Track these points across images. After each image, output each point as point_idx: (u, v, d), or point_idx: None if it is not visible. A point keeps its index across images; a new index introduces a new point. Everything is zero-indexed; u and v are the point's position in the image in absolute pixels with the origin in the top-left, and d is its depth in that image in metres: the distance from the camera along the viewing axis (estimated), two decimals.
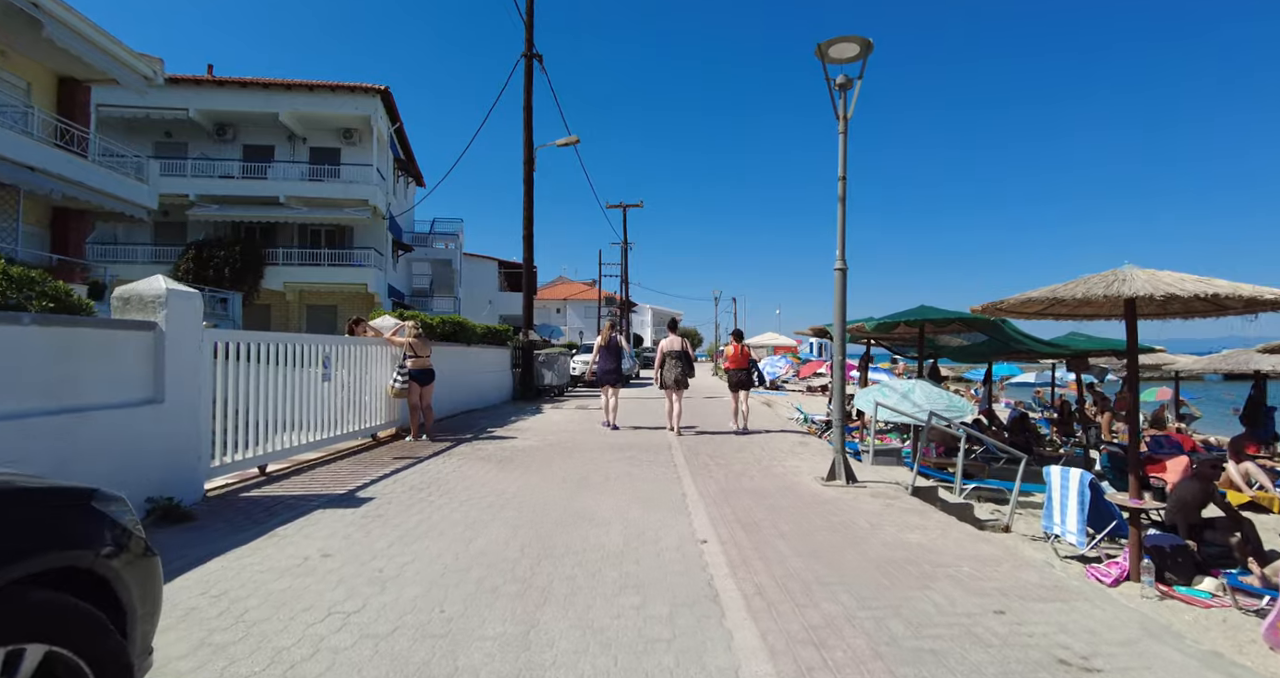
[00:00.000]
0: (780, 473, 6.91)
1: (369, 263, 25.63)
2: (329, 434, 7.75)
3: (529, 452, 8.09)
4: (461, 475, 6.54)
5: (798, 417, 16.11)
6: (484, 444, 8.70)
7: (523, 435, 9.61)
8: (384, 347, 9.20)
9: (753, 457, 7.99)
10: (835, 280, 6.62)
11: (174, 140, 26.39)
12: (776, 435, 10.08)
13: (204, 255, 23.94)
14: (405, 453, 7.91)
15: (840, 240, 6.61)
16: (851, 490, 6.20)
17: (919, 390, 9.57)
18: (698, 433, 10.10)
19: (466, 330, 12.82)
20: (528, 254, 17.02)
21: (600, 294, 55.71)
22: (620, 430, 10.30)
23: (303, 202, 25.53)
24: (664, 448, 8.53)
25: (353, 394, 8.36)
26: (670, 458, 7.72)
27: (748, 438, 9.66)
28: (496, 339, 15.61)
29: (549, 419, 11.87)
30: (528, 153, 17.05)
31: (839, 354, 6.61)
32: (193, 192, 24.60)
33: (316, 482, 6.19)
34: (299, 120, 26.02)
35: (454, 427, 10.53)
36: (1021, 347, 9.63)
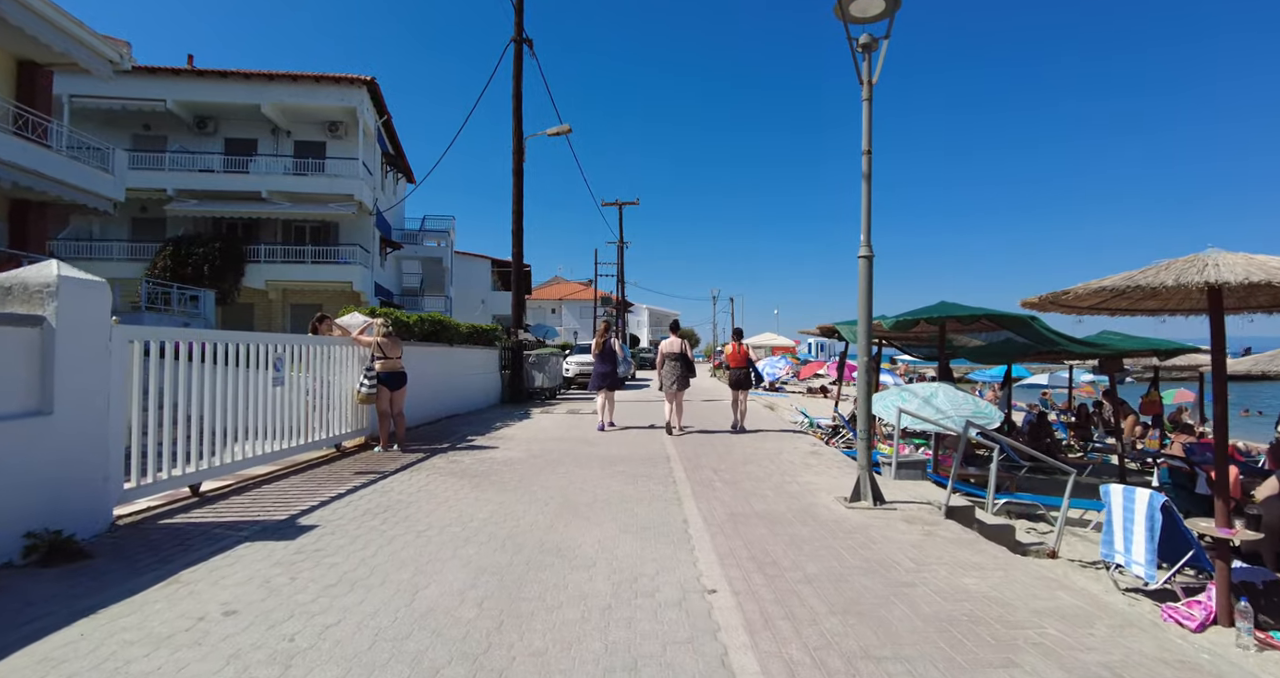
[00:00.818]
0: (795, 492, 6.04)
1: (355, 260, 24.70)
2: (285, 445, 6.86)
3: (510, 465, 7.20)
4: (427, 496, 5.65)
5: (802, 421, 15.26)
6: (460, 456, 7.81)
7: (505, 445, 8.72)
8: (351, 347, 8.31)
9: (762, 470, 7.11)
10: (860, 269, 5.75)
11: (152, 133, 25.42)
12: (785, 443, 9.21)
13: (182, 252, 22.98)
14: (370, 467, 7.01)
15: (865, 223, 5.75)
16: (881, 514, 5.32)
17: (942, 395, 8.72)
18: (698, 440, 9.23)
19: (448, 330, 11.92)
20: (517, 249, 16.13)
21: (596, 294, 54.92)
22: (614, 434, 9.44)
23: (286, 197, 24.58)
24: (662, 460, 7.65)
25: (314, 400, 7.47)
26: (669, 472, 6.84)
27: (754, 447, 8.79)
28: (483, 339, 14.71)
29: (537, 426, 10.98)
30: (517, 142, 16.18)
31: (864, 354, 5.74)
32: (170, 186, 23.64)
33: (257, 504, 5.29)
34: (282, 113, 25.08)
35: (431, 435, 9.63)
36: (1054, 346, 8.82)
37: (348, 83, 24.47)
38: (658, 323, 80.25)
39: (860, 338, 5.78)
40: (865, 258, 5.72)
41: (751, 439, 9.60)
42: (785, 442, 9.39)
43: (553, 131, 16.56)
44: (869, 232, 5.74)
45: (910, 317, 9.02)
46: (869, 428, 5.79)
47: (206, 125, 25.52)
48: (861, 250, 5.74)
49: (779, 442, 9.40)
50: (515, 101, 16.22)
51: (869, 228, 5.74)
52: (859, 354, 5.79)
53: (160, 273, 22.59)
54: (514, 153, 16.17)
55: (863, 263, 5.74)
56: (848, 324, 11.36)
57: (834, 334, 13.26)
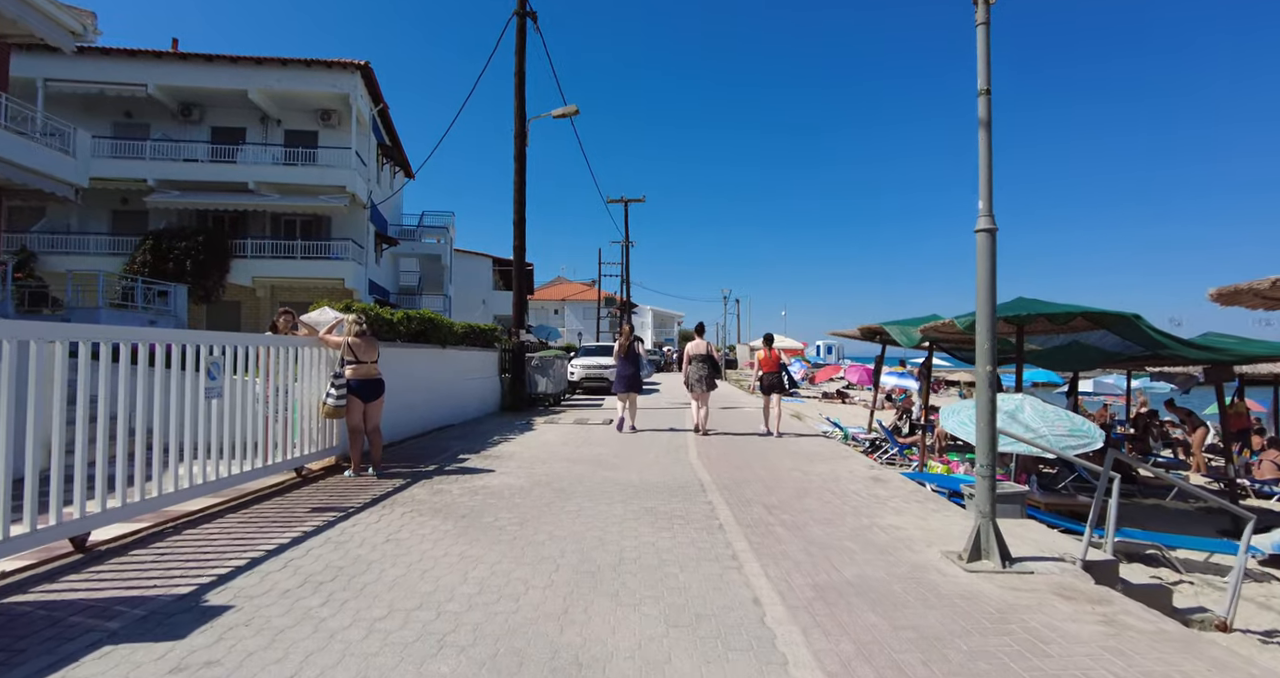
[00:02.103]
0: (885, 543, 4.58)
1: (347, 256, 23.27)
2: (232, 471, 5.43)
3: (507, 497, 5.75)
4: (396, 551, 4.20)
5: (832, 431, 13.81)
6: (448, 483, 6.36)
7: (504, 467, 7.26)
8: (319, 349, 6.88)
9: (826, 507, 5.65)
10: (979, 247, 4.30)
11: (134, 121, 24.05)
12: (837, 465, 7.74)
13: (163, 246, 21.59)
14: (333, 499, 5.57)
15: (984, 186, 4.29)
16: (1019, 583, 3.86)
17: (1029, 409, 7.25)
18: (731, 458, 7.77)
19: (440, 329, 10.48)
20: (519, 240, 14.69)
21: (600, 294, 53.52)
22: (632, 449, 7.99)
23: (274, 188, 23.17)
24: (696, 489, 6.19)
25: (273, 414, 6.04)
26: (710, 510, 5.39)
27: (802, 471, 7.33)
28: (481, 340, 13.27)
29: (541, 440, 9.53)
30: (519, 125, 14.75)
31: (986, 362, 4.27)
32: (151, 176, 22.24)
33: (162, 563, 3.86)
34: (272, 100, 23.68)
35: (416, 452, 8.18)
36: (1162, 349, 7.38)
37: (340, 67, 23.09)
38: (662, 324, 78.78)
39: (980, 336, 4.31)
40: (986, 231, 4.27)
41: (793, 458, 8.15)
42: (837, 463, 7.93)
43: (558, 113, 15.12)
44: (990, 197, 4.29)
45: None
46: (992, 461, 4.32)
47: (192, 113, 24.13)
48: (981, 221, 4.29)
49: (829, 463, 7.93)
50: (518, 80, 14.79)
51: (989, 192, 4.29)
52: (979, 358, 4.32)
53: (140, 268, 21.19)
54: (516, 136, 14.74)
55: (982, 239, 4.28)
56: (899, 324, 9.90)
57: (876, 336, 11.81)
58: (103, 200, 23.34)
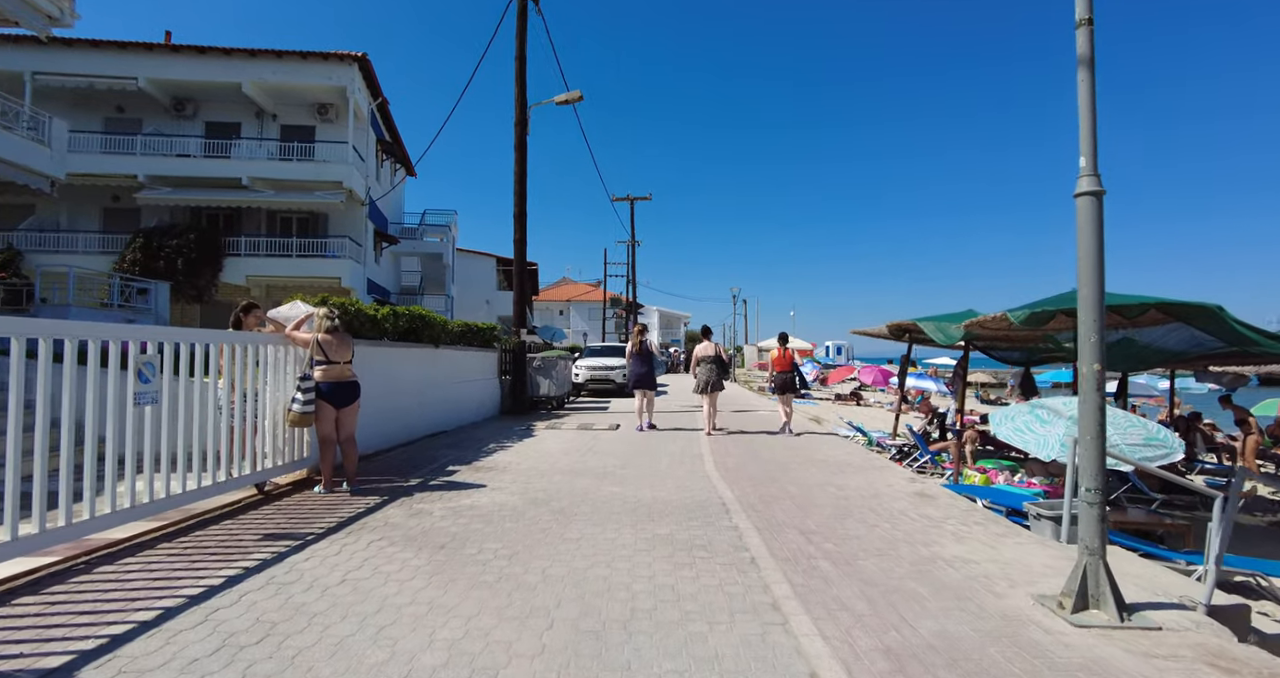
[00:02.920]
0: (959, 584, 3.70)
1: (344, 254, 22.49)
2: (173, 490, 4.60)
3: (497, 521, 4.89)
4: (350, 597, 3.36)
5: (853, 436, 12.91)
6: (430, 501, 5.51)
7: (497, 481, 6.41)
8: (288, 348, 6.06)
9: (873, 532, 4.78)
10: (1082, 214, 3.42)
11: (126, 116, 23.34)
12: (873, 476, 6.85)
13: (153, 244, 20.84)
14: (290, 524, 4.73)
15: (1087, 140, 3.42)
16: (1153, 646, 2.98)
17: None
18: (752, 468, 6.90)
19: (432, 327, 9.65)
20: (519, 234, 13.85)
21: (605, 295, 52.78)
22: (643, 456, 7.12)
23: (269, 184, 22.41)
24: (717, 509, 5.32)
25: (236, 421, 5.22)
26: (737, 538, 4.52)
27: (837, 485, 6.45)
28: (479, 339, 12.44)
29: (541, 448, 8.68)
30: (520, 112, 13.93)
31: (1092, 358, 3.37)
32: (142, 171, 21.50)
33: (40, 621, 3.02)
34: (267, 93, 22.95)
35: (401, 463, 7.34)
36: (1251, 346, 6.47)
37: (337, 60, 22.33)
38: (668, 324, 77.92)
39: (1085, 326, 3.42)
40: (1090, 195, 3.39)
41: (822, 469, 7.27)
42: (872, 475, 7.04)
43: (561, 99, 14.30)
44: (1094, 152, 3.41)
45: (1047, 308, 6.63)
46: (1100, 485, 3.43)
47: (185, 107, 23.41)
48: (1082, 183, 3.41)
49: (863, 474, 7.04)
50: (519, 64, 13.98)
51: (1093, 146, 3.41)
52: (1085, 354, 3.43)
53: (129, 267, 20.48)
54: (516, 124, 13.92)
55: (1085, 205, 3.40)
56: (935, 320, 9.00)
57: (906, 334, 10.92)
58: (93, 197, 22.68)
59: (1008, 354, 11.48)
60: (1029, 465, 9.87)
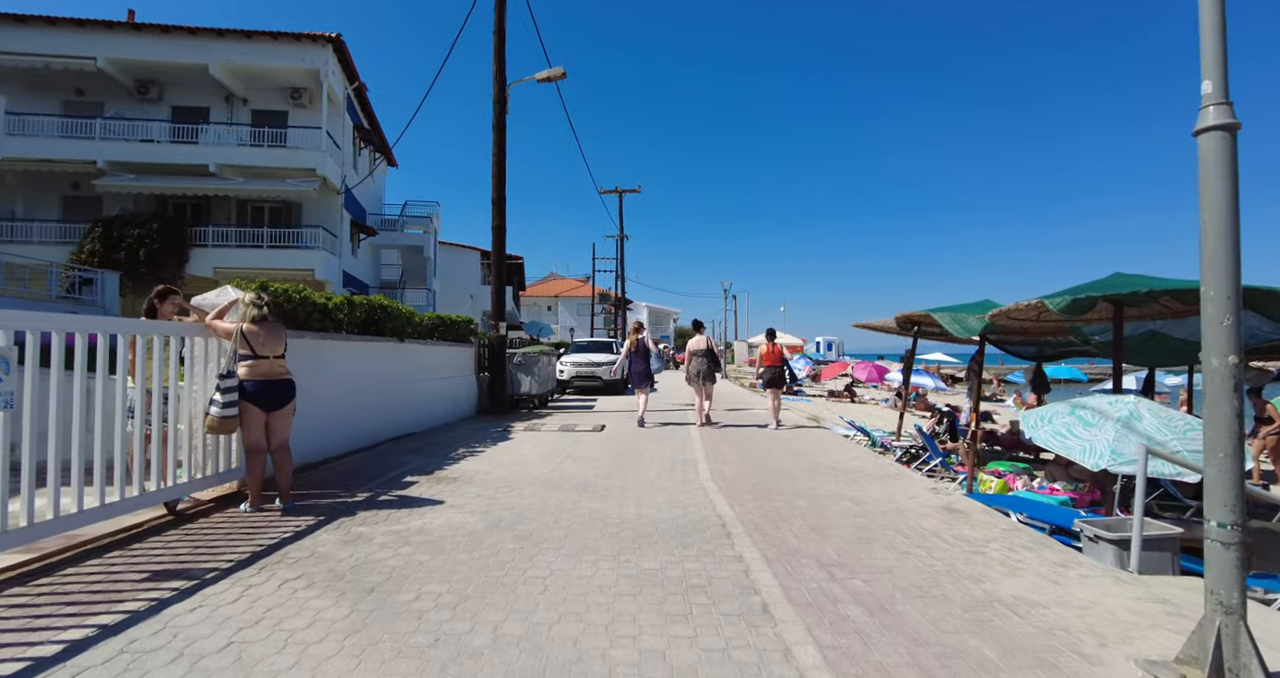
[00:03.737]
0: (1033, 641, 2.86)
1: (318, 244, 21.43)
2: (45, 515, 3.70)
3: (449, 550, 4.01)
4: (229, 673, 2.47)
5: (854, 435, 12.13)
6: (374, 523, 4.62)
7: (458, 495, 5.52)
8: (213, 340, 5.15)
9: (909, 561, 3.94)
10: (1207, 156, 2.58)
11: (86, 99, 22.11)
12: (889, 486, 6.02)
13: (114, 234, 19.72)
14: (196, 554, 3.83)
15: (1214, 61, 2.58)
16: None
17: (1148, 415, 5.55)
18: (752, 476, 6.06)
19: (395, 319, 8.73)
20: (498, 221, 12.92)
21: (594, 290, 51.91)
22: (631, 460, 6.26)
23: (238, 171, 21.31)
24: (716, 531, 4.47)
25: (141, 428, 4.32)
26: (742, 572, 3.66)
27: (852, 496, 5.61)
28: (453, 333, 11.54)
29: (516, 454, 7.80)
30: (498, 90, 12.99)
31: (1227, 350, 2.53)
32: (101, 157, 20.34)
33: None
34: (236, 76, 21.82)
35: (351, 472, 6.42)
36: None
37: (310, 41, 21.23)
38: (657, 320, 77.09)
39: (1216, 305, 2.59)
40: (1220, 130, 2.55)
41: (832, 477, 6.43)
42: (889, 484, 6.20)
43: (543, 76, 13.36)
44: (1223, 76, 2.57)
45: (1091, 294, 5.80)
46: (1241, 515, 2.60)
47: (149, 91, 22.22)
48: (1209, 116, 2.57)
49: (879, 484, 6.21)
50: (497, 39, 13.03)
51: (1223, 69, 2.57)
52: (1216, 343, 2.59)
53: (88, 258, 19.37)
54: (495, 102, 12.98)
55: (1212, 143, 2.56)
56: (951, 311, 8.19)
57: (915, 327, 10.10)
58: (51, 185, 21.49)
59: (1021, 349, 10.72)
60: (1048, 469, 9.11)
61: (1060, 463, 9.04)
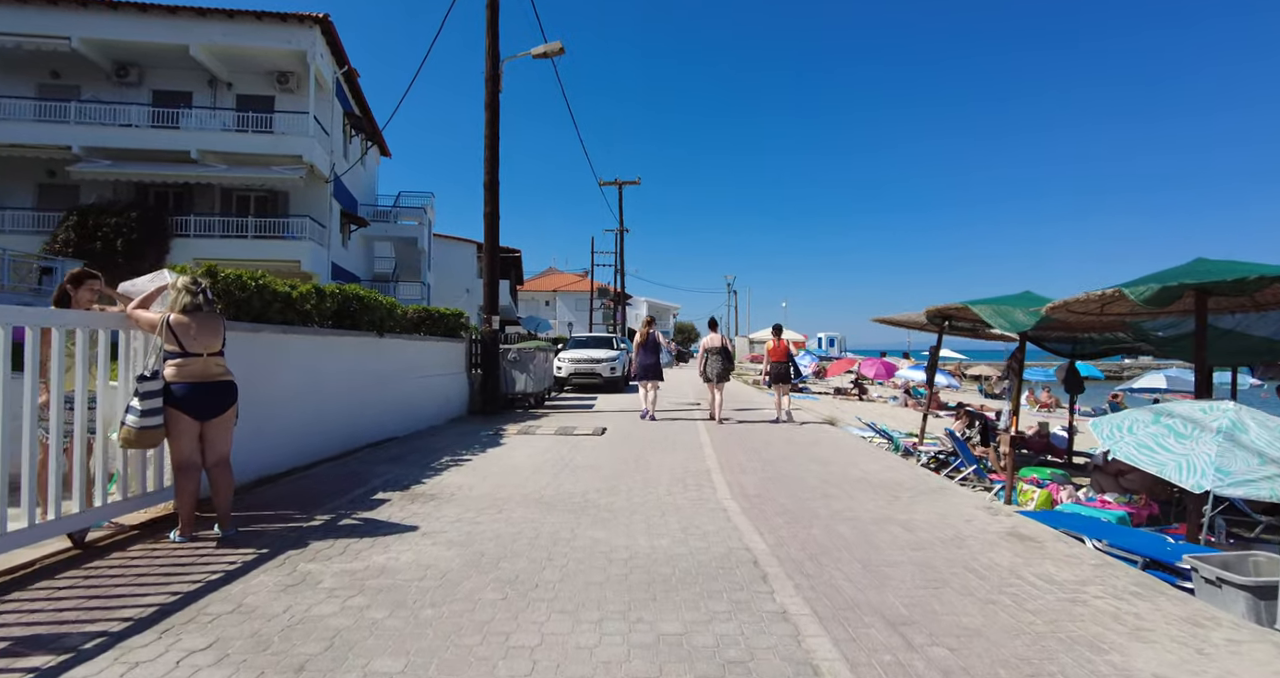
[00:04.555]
0: None
1: (304, 235, 20.53)
2: None
3: (411, 604, 3.15)
4: None
5: (872, 437, 11.29)
6: (325, 559, 3.76)
7: (434, 518, 4.66)
8: (138, 335, 4.30)
9: (999, 621, 3.10)
10: None
11: (62, 81, 21.15)
12: (937, 501, 5.18)
13: (89, 223, 18.80)
14: (77, 612, 2.97)
15: None
16: None
17: (1253, 424, 4.70)
18: (778, 488, 5.22)
19: (373, 311, 7.85)
20: (490, 208, 12.03)
21: (593, 285, 51.08)
22: (639, 470, 5.42)
23: (221, 158, 20.40)
24: (746, 572, 3.62)
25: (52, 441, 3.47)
26: (791, 636, 2.81)
27: (904, 526, 4.75)
28: (441, 327, 10.66)
29: (506, 462, 6.94)
30: (491, 67, 12.10)
31: None
32: (76, 142, 19.41)
33: None
34: (218, 58, 20.86)
35: (314, 487, 5.55)
36: None
37: (296, 21, 20.30)
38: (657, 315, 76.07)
39: None
40: None
41: (871, 494, 5.58)
42: (939, 501, 5.35)
43: (539, 51, 12.44)
44: None
45: (1185, 281, 4.92)
46: None
47: (128, 73, 21.25)
48: None
49: (926, 501, 5.36)
50: (490, 12, 12.12)
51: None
52: None
53: (62, 247, 18.46)
54: (487, 80, 12.09)
55: None
56: (992, 304, 7.31)
57: (945, 323, 9.23)
58: (25, 171, 20.55)
59: (1058, 346, 9.86)
60: (1094, 478, 8.28)
61: (1108, 471, 8.22)
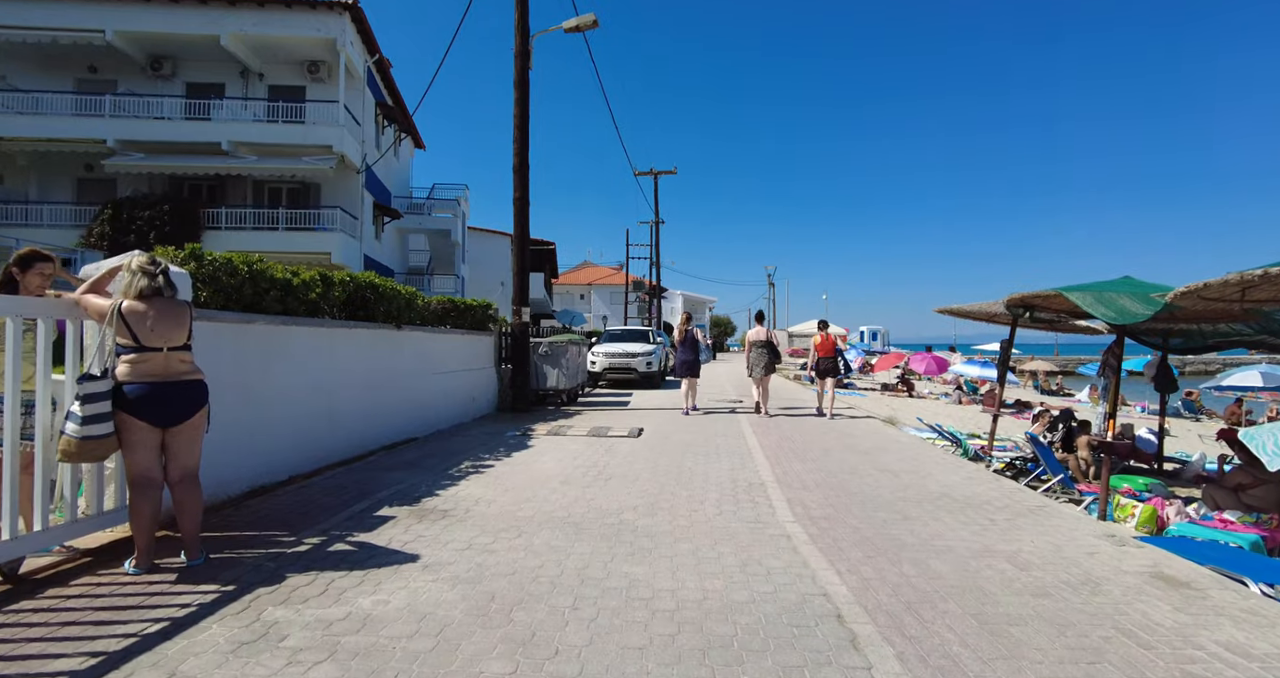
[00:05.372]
0: None
1: (335, 226, 20.17)
2: None
3: (392, 672, 2.40)
4: None
5: (933, 438, 10.26)
6: (300, 601, 3.03)
7: (440, 546, 3.91)
8: (86, 325, 3.65)
9: None
10: None
11: (99, 76, 21.18)
12: (1043, 525, 4.26)
13: (123, 216, 18.73)
14: None
15: None
16: None
17: None
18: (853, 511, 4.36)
19: (389, 301, 7.18)
20: (519, 193, 11.31)
21: (628, 278, 50.36)
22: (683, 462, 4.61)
23: (252, 149, 20.15)
24: (833, 635, 2.77)
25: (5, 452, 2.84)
26: None
27: (1012, 561, 3.85)
28: (468, 320, 9.99)
29: (531, 471, 6.18)
30: (520, 42, 11.35)
31: None
32: (111, 136, 19.32)
33: None
34: (249, 48, 20.60)
35: (310, 501, 4.85)
36: None
37: (325, 8, 19.88)
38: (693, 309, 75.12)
39: None
40: None
41: (953, 511, 4.66)
42: (1039, 525, 4.40)
43: (571, 25, 11.65)
44: None
45: None
46: None
47: (162, 66, 21.16)
48: None
49: (1023, 524, 4.42)
50: None
51: None
52: None
53: (98, 241, 18.45)
54: (516, 56, 11.35)
55: None
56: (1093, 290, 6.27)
57: (1025, 312, 8.16)
58: (65, 166, 20.66)
59: (1157, 340, 8.70)
60: (1207, 491, 7.16)
61: (1226, 485, 7.10)
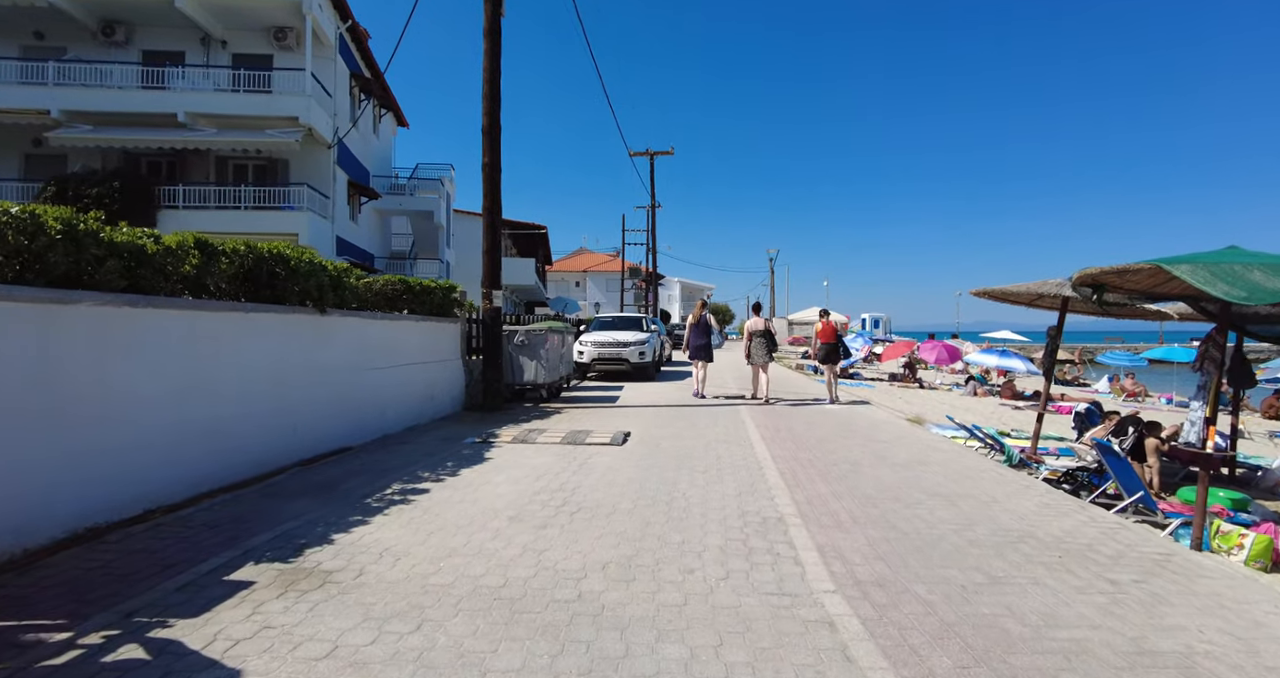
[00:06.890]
0: None
1: (302, 204, 18.61)
2: None
3: None
4: None
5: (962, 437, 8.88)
6: None
7: (279, 655, 2.48)
8: None
9: None
10: None
11: (47, 43, 19.48)
12: (1189, 586, 2.88)
13: (69, 193, 17.11)
14: None
15: None
16: None
17: None
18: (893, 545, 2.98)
19: (305, 277, 5.75)
20: (490, 159, 9.81)
21: (623, 264, 48.78)
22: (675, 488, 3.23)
23: (211, 121, 18.55)
24: None
25: None
26: None
27: (1134, 642, 2.45)
28: (426, 303, 8.53)
29: (477, 499, 4.74)
30: None
31: None
32: (55, 106, 17.71)
33: None
34: (209, 12, 18.94)
35: (142, 555, 3.39)
36: None
37: None
38: (690, 297, 73.64)
39: None
40: None
41: (1055, 567, 3.26)
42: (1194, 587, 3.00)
43: None
44: None
45: None
46: None
47: (115, 32, 19.46)
48: None
49: (1169, 590, 3.02)
50: None
51: None
52: None
53: None
54: (485, 2, 9.81)
55: None
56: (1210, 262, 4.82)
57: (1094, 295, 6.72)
58: (10, 139, 19.01)
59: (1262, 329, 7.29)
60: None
61: None
